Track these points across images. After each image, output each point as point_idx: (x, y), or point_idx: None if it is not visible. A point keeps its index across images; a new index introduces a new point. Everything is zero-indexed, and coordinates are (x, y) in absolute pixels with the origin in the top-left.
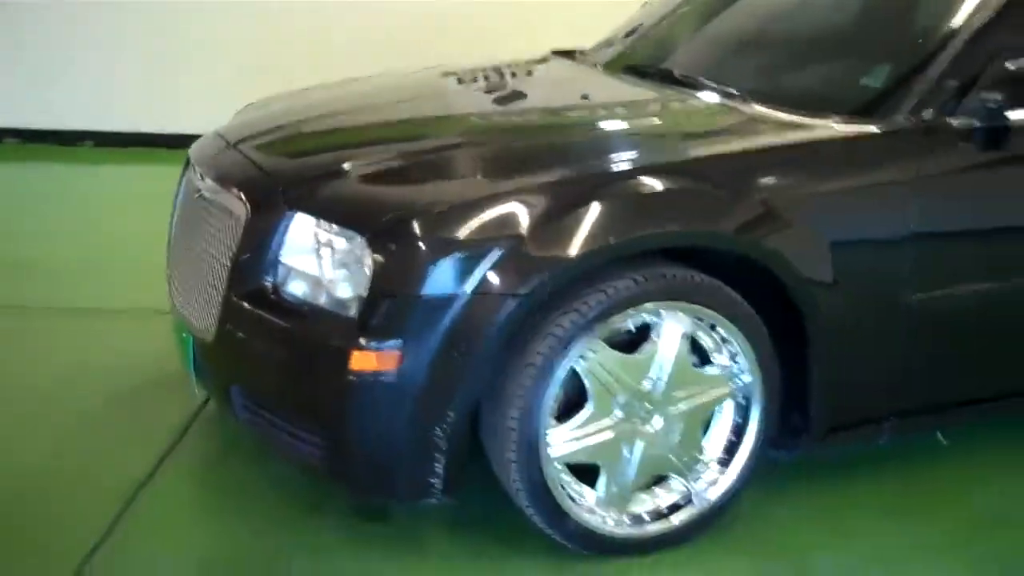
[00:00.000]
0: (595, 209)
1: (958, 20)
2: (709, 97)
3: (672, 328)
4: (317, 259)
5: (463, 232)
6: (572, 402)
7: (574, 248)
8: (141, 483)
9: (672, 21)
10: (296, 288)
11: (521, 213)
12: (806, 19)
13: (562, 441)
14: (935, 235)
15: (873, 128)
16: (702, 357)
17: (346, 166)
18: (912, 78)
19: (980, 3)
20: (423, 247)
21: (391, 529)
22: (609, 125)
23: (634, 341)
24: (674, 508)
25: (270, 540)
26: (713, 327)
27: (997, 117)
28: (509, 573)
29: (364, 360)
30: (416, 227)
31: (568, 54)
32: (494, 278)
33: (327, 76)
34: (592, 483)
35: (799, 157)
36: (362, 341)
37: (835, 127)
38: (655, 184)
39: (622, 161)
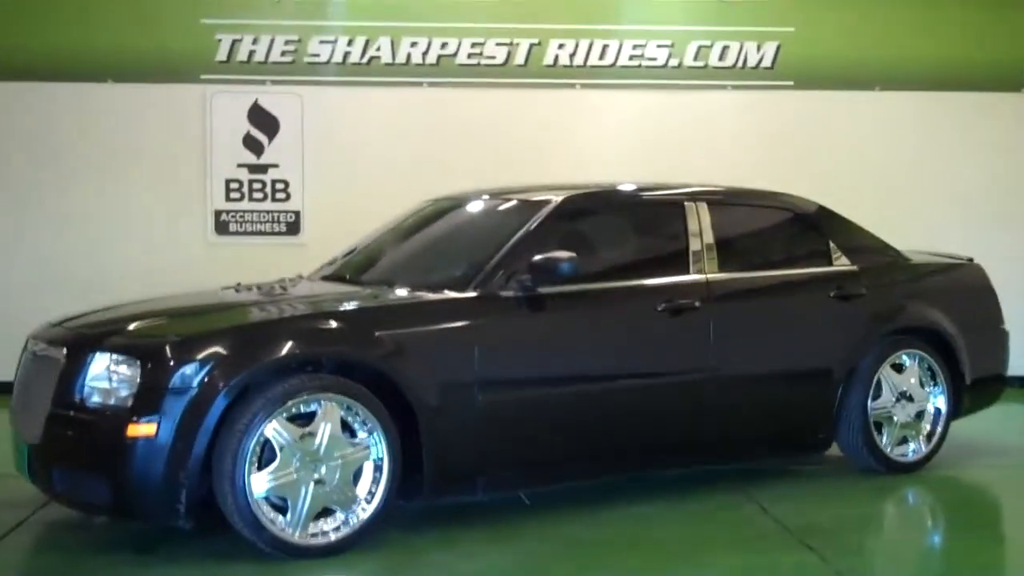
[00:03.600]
0: (273, 338)
1: (508, 234)
2: (370, 287)
3: (330, 412)
4: (108, 378)
5: (191, 353)
6: (271, 456)
7: (258, 360)
8: None
9: (363, 251)
10: (95, 397)
11: (229, 341)
12: (434, 240)
13: (262, 482)
14: (492, 361)
15: (451, 296)
16: (352, 432)
17: (126, 325)
18: (480, 267)
19: (520, 225)
20: (168, 361)
21: (156, 556)
22: (302, 301)
23: (310, 419)
24: (338, 529)
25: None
26: (357, 413)
27: (531, 290)
28: (232, 566)
29: (135, 429)
30: (164, 351)
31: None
32: (209, 378)
33: None
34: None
35: (410, 314)
36: (134, 417)
37: (429, 296)
38: (317, 325)
39: (301, 313)
